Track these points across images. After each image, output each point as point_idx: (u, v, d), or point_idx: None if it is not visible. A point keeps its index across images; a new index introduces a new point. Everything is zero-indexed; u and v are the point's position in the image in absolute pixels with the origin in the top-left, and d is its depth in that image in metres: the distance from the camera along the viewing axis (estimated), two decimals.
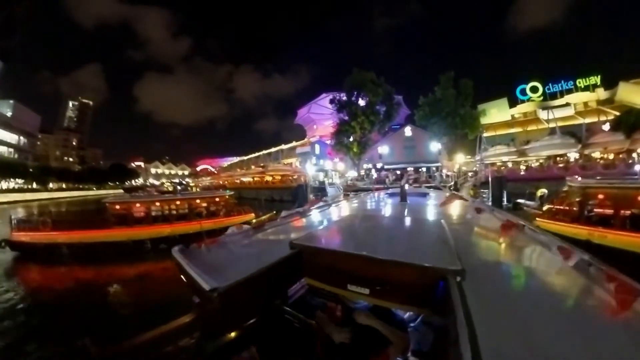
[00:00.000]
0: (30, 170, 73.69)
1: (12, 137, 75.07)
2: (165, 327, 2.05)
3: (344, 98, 38.50)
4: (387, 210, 5.43)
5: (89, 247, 13.70)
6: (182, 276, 2.20)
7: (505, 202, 21.61)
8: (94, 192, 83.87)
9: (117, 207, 15.50)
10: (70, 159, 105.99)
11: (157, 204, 16.25)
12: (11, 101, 76.63)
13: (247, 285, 2.17)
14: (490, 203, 17.45)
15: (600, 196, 10.93)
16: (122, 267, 12.11)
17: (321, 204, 6.32)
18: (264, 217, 10.58)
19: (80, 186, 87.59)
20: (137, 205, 15.78)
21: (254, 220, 12.92)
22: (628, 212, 9.89)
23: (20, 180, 71.68)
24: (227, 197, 19.35)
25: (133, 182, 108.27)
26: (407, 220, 4.11)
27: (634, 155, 24.58)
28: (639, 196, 9.59)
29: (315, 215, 4.64)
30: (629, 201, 9.86)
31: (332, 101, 40.27)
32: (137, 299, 8.96)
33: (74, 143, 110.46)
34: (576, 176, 14.20)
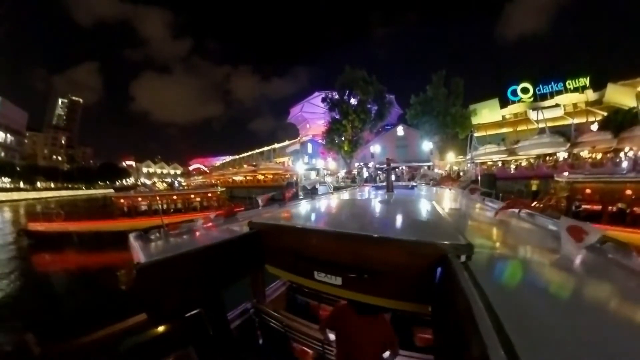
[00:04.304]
0: (17, 169, 72.09)
1: None
2: (117, 325, 1.77)
3: (336, 97, 38.41)
4: (370, 197, 5.12)
5: (96, 236, 15.46)
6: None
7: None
8: (83, 192, 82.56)
9: (122, 201, 17.54)
10: (59, 158, 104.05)
11: (157, 198, 18.23)
12: None
13: (180, 265, 1.75)
14: None
15: (588, 191, 10.86)
16: (123, 252, 13.15)
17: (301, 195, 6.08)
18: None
19: (69, 185, 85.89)
20: (139, 199, 17.80)
21: None
22: (615, 207, 9.82)
23: (6, 180, 69.91)
24: (218, 193, 21.11)
25: (124, 181, 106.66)
26: (394, 203, 3.75)
27: (621, 154, 24.87)
28: (625, 190, 9.53)
29: (294, 204, 4.23)
30: (616, 195, 9.79)
31: (324, 99, 40.15)
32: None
33: (62, 141, 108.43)
34: (565, 172, 14.24)
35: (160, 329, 1.86)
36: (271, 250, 2.21)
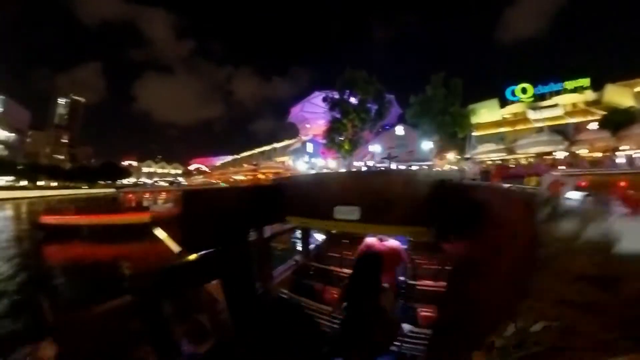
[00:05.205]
0: (19, 167, 72.35)
1: (0, 134, 73.75)
2: (127, 298, 1.88)
3: (336, 96, 38.57)
4: None
5: (105, 229, 16.43)
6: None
7: None
8: (84, 191, 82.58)
9: (130, 196, 19.95)
10: (61, 157, 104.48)
11: (163, 194, 19.23)
12: (1, 97, 75.26)
13: (211, 209, 2.14)
14: None
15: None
16: (130, 244, 13.98)
17: None
18: None
19: (70, 185, 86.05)
20: (146, 195, 18.95)
21: None
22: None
23: (9, 178, 70.24)
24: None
25: (124, 181, 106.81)
26: None
27: (617, 153, 24.99)
28: (616, 182, 9.72)
29: None
30: (607, 188, 9.98)
31: (324, 99, 40.27)
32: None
33: (63, 140, 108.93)
34: (561, 167, 14.45)
35: (192, 258, 2.11)
36: (291, 202, 2.45)
